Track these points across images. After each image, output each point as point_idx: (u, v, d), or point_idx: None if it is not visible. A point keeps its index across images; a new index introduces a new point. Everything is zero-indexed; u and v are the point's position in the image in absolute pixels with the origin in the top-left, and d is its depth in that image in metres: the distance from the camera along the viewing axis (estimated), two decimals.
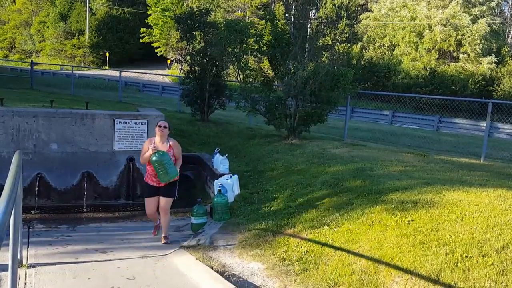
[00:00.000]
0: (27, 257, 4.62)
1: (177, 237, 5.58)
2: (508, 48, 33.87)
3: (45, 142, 6.91)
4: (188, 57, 11.21)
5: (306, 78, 8.87)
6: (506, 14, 42.24)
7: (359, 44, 33.75)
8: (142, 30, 43.33)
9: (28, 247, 4.93)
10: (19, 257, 4.12)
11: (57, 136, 6.95)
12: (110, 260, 4.73)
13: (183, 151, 8.84)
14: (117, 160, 7.27)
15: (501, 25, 37.57)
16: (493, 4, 35.34)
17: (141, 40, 43.96)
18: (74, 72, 26.17)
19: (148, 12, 42.92)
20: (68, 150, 7.02)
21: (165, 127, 5.18)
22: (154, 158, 5.02)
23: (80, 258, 4.72)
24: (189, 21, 11.02)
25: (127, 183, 7.32)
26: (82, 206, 6.95)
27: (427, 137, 12.42)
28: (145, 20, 42.88)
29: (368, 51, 33.99)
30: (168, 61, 41.88)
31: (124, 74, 21.54)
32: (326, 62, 9.49)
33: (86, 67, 42.10)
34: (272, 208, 5.68)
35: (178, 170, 5.25)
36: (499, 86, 28.22)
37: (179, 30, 11.53)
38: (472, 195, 4.81)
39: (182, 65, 11.27)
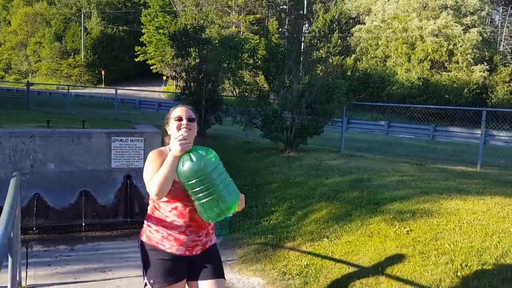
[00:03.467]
0: (26, 278, 4.58)
1: None
2: (500, 56, 34.26)
3: (42, 162, 6.90)
4: (183, 74, 11.31)
5: (301, 91, 8.94)
6: (497, 23, 42.82)
7: (353, 56, 34.06)
8: (136, 48, 43.63)
9: (27, 268, 4.89)
10: (18, 278, 4.08)
11: (54, 156, 6.94)
12: (110, 279, 4.70)
13: None
14: (114, 178, 7.25)
15: (493, 34, 38.06)
16: (483, 13, 35.85)
17: (136, 59, 44.23)
18: (70, 91, 26.24)
19: (142, 31, 43.27)
20: (65, 169, 7.01)
21: (191, 120, 2.36)
22: (189, 168, 2.17)
23: (80, 278, 4.68)
24: (183, 38, 11.13)
25: (125, 201, 7.29)
26: (81, 225, 6.91)
27: (423, 146, 12.49)
28: (140, 38, 43.20)
29: (362, 62, 34.29)
30: (164, 78, 42.09)
31: (120, 91, 21.63)
32: (320, 75, 9.58)
33: (82, 86, 42.24)
34: (271, 221, 5.67)
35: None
36: (493, 94, 28.46)
37: (174, 47, 11.64)
38: (469, 203, 4.83)
39: (177, 81, 11.34)
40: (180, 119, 2.34)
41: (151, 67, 43.12)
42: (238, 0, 38.90)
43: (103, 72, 44.73)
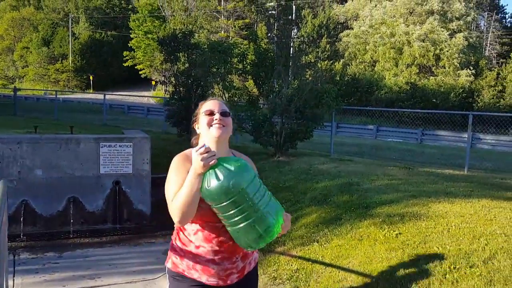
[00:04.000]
0: (13, 286, 4.51)
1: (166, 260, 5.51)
2: (486, 61, 34.81)
3: (30, 168, 6.83)
4: (172, 78, 11.28)
5: (290, 96, 8.98)
6: (482, 28, 43.52)
7: (342, 61, 34.33)
8: (125, 53, 43.45)
9: (14, 276, 4.82)
10: (5, 286, 4.02)
11: (42, 162, 6.87)
12: (98, 286, 4.65)
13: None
14: (103, 184, 7.19)
15: (478, 39, 38.68)
16: (469, 18, 36.42)
17: (124, 64, 44.03)
18: (58, 96, 25.99)
19: (131, 36, 43.12)
20: (53, 175, 6.94)
21: (225, 115, 1.99)
22: (216, 189, 1.75)
23: (68, 285, 4.63)
24: (172, 43, 11.12)
25: (114, 207, 7.24)
26: (69, 232, 6.83)
27: (411, 150, 12.61)
28: (128, 43, 43.03)
29: (351, 67, 34.57)
30: (153, 83, 41.96)
31: (108, 97, 21.50)
32: (309, 79, 9.64)
33: (70, 91, 41.90)
34: None
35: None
36: (479, 98, 28.89)
37: (163, 52, 11.61)
38: (457, 206, 4.89)
39: (166, 86, 11.33)
40: (211, 113, 1.94)
41: (140, 72, 42.94)
42: (227, 5, 39.01)
43: (91, 77, 44.44)
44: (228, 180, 1.71)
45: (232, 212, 1.74)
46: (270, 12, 38.57)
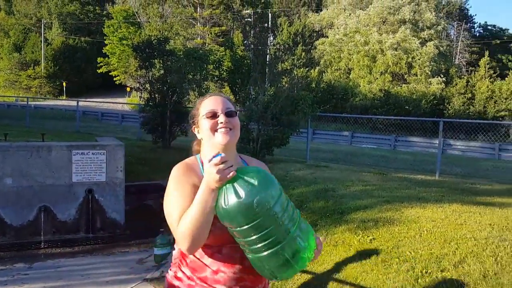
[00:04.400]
0: None
1: (140, 269, 5.43)
2: (456, 69, 35.87)
3: None
4: (147, 85, 11.18)
5: (267, 102, 9.03)
6: (452, 37, 44.89)
7: (317, 68, 34.76)
8: (99, 59, 42.80)
9: None
10: None
11: (12, 170, 6.67)
12: None
13: (145, 180, 8.76)
14: (75, 192, 7.04)
15: (448, 47, 39.86)
16: (439, 28, 37.52)
17: (98, 71, 43.36)
18: (29, 103, 25.35)
19: (105, 42, 42.54)
20: (24, 184, 6.75)
21: (230, 115, 1.62)
22: (236, 210, 1.40)
23: None
24: (147, 50, 11.04)
25: (87, 216, 7.09)
26: (40, 242, 6.65)
27: (385, 156, 12.83)
28: (102, 49, 42.42)
29: (326, 74, 35.02)
30: (128, 89, 41.44)
31: (81, 103, 21.11)
32: (285, 86, 9.72)
33: (42, 98, 40.93)
34: None
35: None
36: (449, 105, 29.69)
37: (138, 59, 11.51)
38: (429, 211, 4.99)
39: (141, 93, 11.23)
40: (214, 114, 1.59)
41: (115, 79, 42.35)
42: (203, 12, 39.01)
43: (64, 84, 43.54)
44: (251, 198, 1.37)
45: (255, 237, 1.40)
46: (246, 19, 38.77)
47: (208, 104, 1.63)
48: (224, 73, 9.83)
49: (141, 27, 38.18)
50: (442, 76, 32.76)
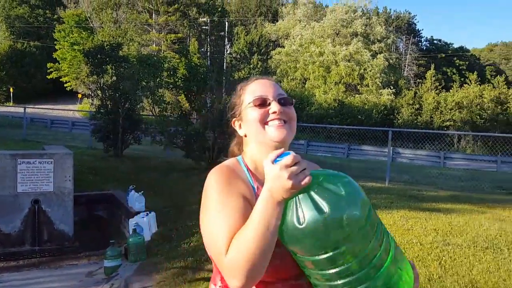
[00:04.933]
0: None
1: (90, 283, 5.22)
2: (405, 81, 37.54)
3: None
4: (99, 91, 10.87)
5: (223, 110, 9.02)
6: (401, 50, 46.98)
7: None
8: (49, 65, 41.17)
9: None
10: None
11: None
12: None
13: (96, 190, 8.47)
14: (20, 203, 6.68)
15: (397, 60, 41.68)
16: (389, 41, 39.21)
17: (48, 76, 41.68)
18: None
19: (56, 47, 41.00)
20: None
21: (285, 102, 1.28)
22: (316, 231, 0.99)
23: None
24: (99, 55, 10.75)
25: (32, 228, 6.73)
26: None
27: (339, 164, 13.15)
28: (53, 54, 40.85)
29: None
30: (79, 96, 40.07)
31: (29, 110, 20.17)
32: None
33: None
34: (192, 244, 5.57)
35: None
36: (398, 115, 30.94)
37: (89, 64, 11.18)
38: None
39: (92, 100, 10.89)
40: (264, 102, 1.24)
41: (66, 85, 40.80)
42: (158, 19, 38.56)
43: (11, 89, 41.47)
44: (339, 213, 0.99)
45: (338, 269, 1.01)
46: (202, 27, 38.71)
47: (255, 89, 1.28)
48: (179, 80, 9.71)
49: (94, 32, 37.16)
50: (392, 87, 34.19)
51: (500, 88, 32.16)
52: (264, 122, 1.23)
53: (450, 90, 33.04)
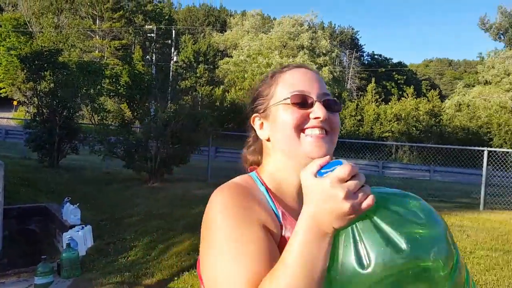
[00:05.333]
0: None
1: None
2: (348, 93, 38.94)
3: None
4: (35, 99, 10.29)
5: (167, 119, 8.83)
6: (345, 64, 48.77)
7: (222, 87, 35.23)
8: None
9: None
10: None
11: None
12: None
13: (28, 202, 7.94)
14: None
15: (341, 73, 43.21)
16: (333, 55, 40.57)
17: None
18: None
19: None
20: None
21: (331, 106, 0.90)
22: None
23: None
24: (36, 61, 10.19)
25: None
26: None
27: None
28: None
29: (230, 93, 35.63)
30: (15, 103, 37.81)
31: None
32: (187, 104, 9.63)
33: None
34: (129, 258, 5.34)
35: None
36: (342, 126, 31.94)
37: (25, 70, 10.57)
38: None
39: (28, 107, 10.28)
40: (305, 101, 0.89)
41: (0, 91, 38.44)
42: (102, 25, 37.41)
43: None
44: (422, 250, 0.70)
45: None
46: (148, 35, 38.02)
47: (295, 82, 0.92)
48: (122, 88, 9.41)
49: (34, 37, 35.37)
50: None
51: (434, 101, 34.16)
52: (300, 128, 0.88)
53: (389, 103, 34.66)
